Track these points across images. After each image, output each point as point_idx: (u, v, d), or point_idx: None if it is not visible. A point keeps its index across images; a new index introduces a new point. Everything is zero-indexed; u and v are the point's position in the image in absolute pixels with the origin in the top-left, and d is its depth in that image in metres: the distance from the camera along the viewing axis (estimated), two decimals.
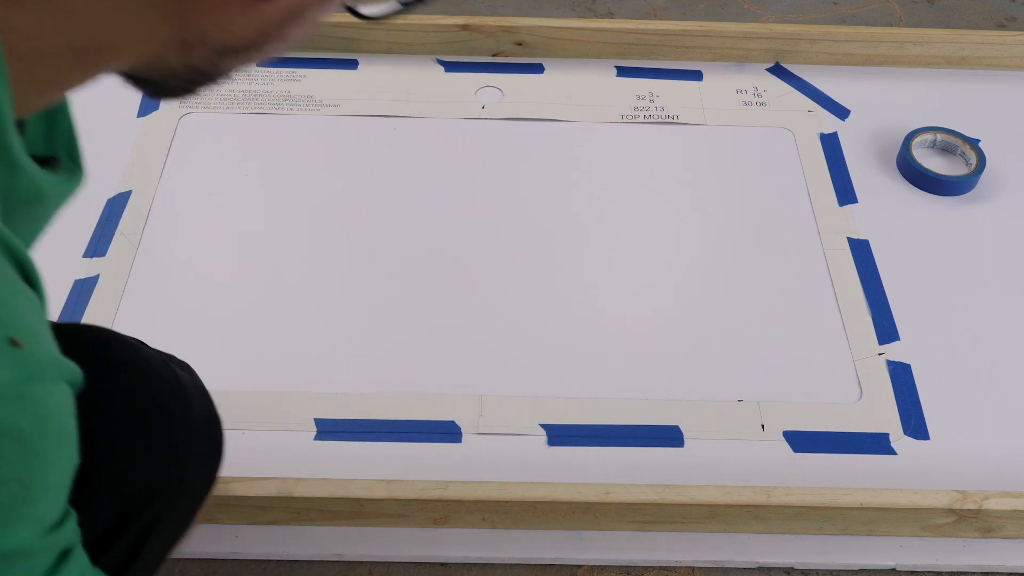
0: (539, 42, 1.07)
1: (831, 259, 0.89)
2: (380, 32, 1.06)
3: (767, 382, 0.80)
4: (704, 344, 0.83)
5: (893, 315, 0.85)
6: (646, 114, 1.03)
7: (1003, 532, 0.72)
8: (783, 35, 1.06)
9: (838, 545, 0.72)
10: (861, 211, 0.94)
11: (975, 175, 0.95)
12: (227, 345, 0.82)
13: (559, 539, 0.72)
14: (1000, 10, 1.23)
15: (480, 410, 0.78)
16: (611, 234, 0.91)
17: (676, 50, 1.08)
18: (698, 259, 0.90)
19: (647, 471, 0.75)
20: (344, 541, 0.72)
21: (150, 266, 0.87)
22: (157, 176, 0.95)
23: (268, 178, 0.95)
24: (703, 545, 0.72)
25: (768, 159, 0.99)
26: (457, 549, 0.72)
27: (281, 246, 0.89)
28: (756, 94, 1.05)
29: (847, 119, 1.03)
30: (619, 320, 0.85)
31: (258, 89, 1.03)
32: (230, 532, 0.72)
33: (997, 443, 0.77)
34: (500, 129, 1.01)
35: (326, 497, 0.69)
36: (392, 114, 1.02)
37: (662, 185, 0.96)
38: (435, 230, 0.91)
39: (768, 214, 0.93)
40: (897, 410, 0.79)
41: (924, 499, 0.69)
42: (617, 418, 0.78)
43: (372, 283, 0.87)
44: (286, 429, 0.76)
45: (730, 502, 0.69)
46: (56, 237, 0.90)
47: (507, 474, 0.74)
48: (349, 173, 0.96)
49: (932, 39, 1.06)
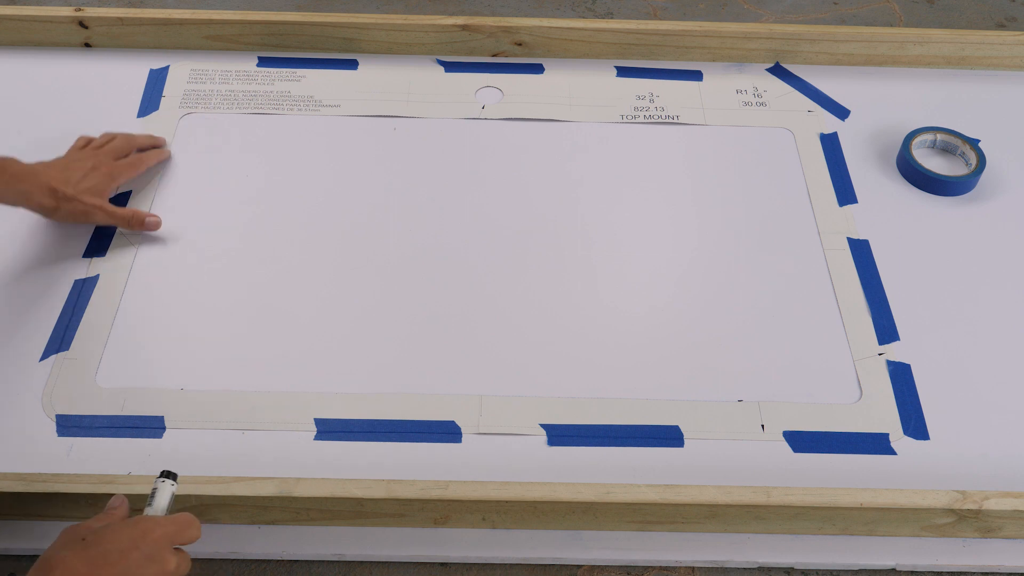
0: (539, 42, 1.07)
1: (831, 259, 0.89)
2: (380, 32, 1.06)
3: (767, 382, 0.80)
4: (704, 344, 0.83)
5: (893, 315, 0.85)
6: (646, 114, 1.03)
7: (1003, 532, 0.72)
8: (783, 35, 1.06)
9: (838, 545, 0.72)
10: (861, 211, 0.94)
11: (975, 175, 0.95)
12: (227, 345, 0.82)
13: (559, 539, 0.72)
14: (1000, 10, 1.23)
15: (480, 410, 0.78)
16: (611, 234, 0.91)
17: (676, 50, 1.08)
18: (697, 259, 0.90)
19: (647, 471, 0.75)
20: (344, 541, 0.72)
21: (150, 266, 0.87)
22: (157, 176, 0.95)
23: (268, 178, 0.95)
24: (703, 545, 0.72)
25: (768, 159, 0.99)
26: (457, 549, 0.72)
27: (281, 246, 0.90)
28: (756, 94, 1.05)
29: (847, 119, 1.03)
30: (619, 320, 0.85)
31: (258, 89, 1.03)
32: (230, 532, 0.72)
33: (997, 443, 0.77)
34: (500, 129, 1.01)
35: (326, 497, 0.69)
36: (392, 114, 1.02)
37: (662, 185, 0.96)
38: (435, 230, 0.91)
39: (768, 214, 0.93)
40: (897, 410, 0.79)
41: (924, 499, 0.69)
42: (617, 418, 0.78)
43: (372, 283, 0.87)
44: (286, 429, 0.76)
45: (730, 502, 0.69)
46: (56, 237, 0.91)
47: (507, 474, 0.74)
48: (349, 173, 0.96)
49: (932, 39, 1.06)
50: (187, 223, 0.91)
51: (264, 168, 0.96)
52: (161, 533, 0.61)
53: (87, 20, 1.05)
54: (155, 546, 0.60)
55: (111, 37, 1.07)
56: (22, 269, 0.87)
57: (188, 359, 0.81)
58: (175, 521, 0.62)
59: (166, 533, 0.61)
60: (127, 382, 0.79)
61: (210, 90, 1.03)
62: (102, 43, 1.07)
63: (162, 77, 1.05)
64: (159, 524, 0.61)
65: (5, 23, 1.06)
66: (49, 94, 1.03)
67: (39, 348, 0.81)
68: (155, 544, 0.60)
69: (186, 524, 0.62)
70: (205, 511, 0.70)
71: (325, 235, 0.91)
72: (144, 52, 1.07)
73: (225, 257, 0.89)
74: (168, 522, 0.62)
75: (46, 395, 0.78)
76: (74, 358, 0.80)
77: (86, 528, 0.61)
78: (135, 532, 0.60)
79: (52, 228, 0.90)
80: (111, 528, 0.60)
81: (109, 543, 0.59)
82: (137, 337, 0.82)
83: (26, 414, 0.77)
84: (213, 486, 0.69)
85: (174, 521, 0.62)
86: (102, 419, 0.76)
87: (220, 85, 1.04)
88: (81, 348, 0.81)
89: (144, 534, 0.60)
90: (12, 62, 1.06)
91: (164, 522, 0.61)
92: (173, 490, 0.65)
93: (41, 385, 0.79)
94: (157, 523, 0.61)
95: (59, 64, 1.06)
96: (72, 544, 0.59)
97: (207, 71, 1.05)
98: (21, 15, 1.05)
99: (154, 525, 0.61)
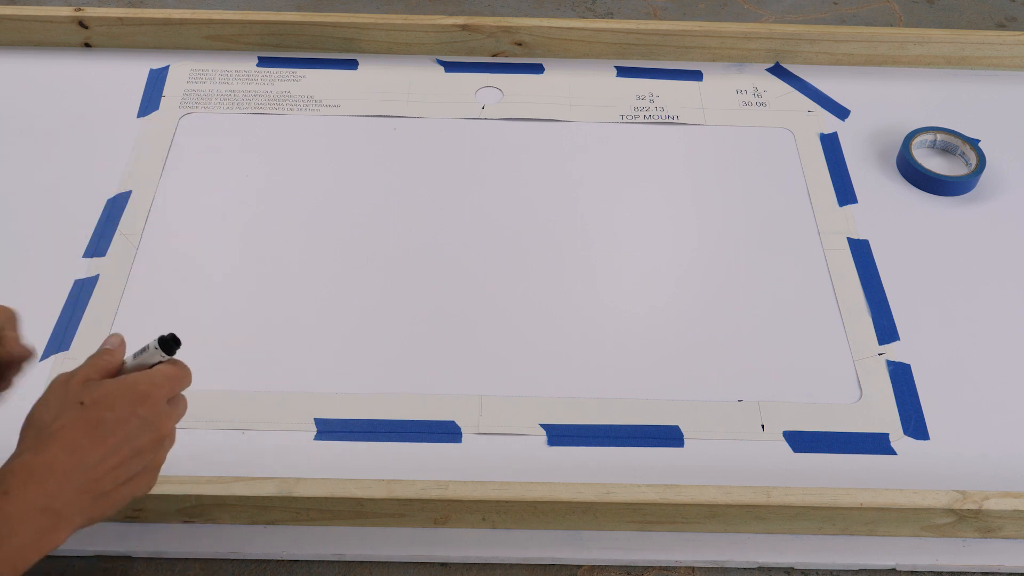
0: (539, 42, 1.07)
1: (831, 259, 0.89)
2: (380, 32, 1.06)
3: (767, 382, 0.80)
4: (704, 344, 0.83)
5: (893, 315, 0.85)
6: (646, 114, 1.03)
7: (1003, 532, 0.72)
8: (783, 35, 1.06)
9: (838, 545, 0.72)
10: (861, 211, 0.94)
11: (975, 175, 0.95)
12: (227, 345, 0.82)
13: (559, 539, 0.72)
14: (1000, 10, 1.23)
15: (480, 410, 0.78)
16: (610, 234, 0.91)
17: (676, 50, 1.08)
18: (697, 259, 0.90)
19: (647, 471, 0.75)
20: (344, 541, 0.72)
21: (150, 266, 0.87)
22: (157, 176, 0.95)
23: (268, 178, 0.95)
24: (703, 545, 0.72)
25: (768, 159, 0.99)
26: (457, 549, 0.72)
27: (281, 246, 0.90)
28: (756, 94, 1.05)
29: (847, 119, 1.03)
30: (619, 320, 0.85)
31: (258, 89, 1.04)
32: (230, 532, 0.72)
33: (997, 443, 0.77)
34: (500, 129, 1.01)
35: (326, 497, 0.69)
36: (392, 114, 1.02)
37: (662, 185, 0.96)
38: (435, 230, 0.91)
39: (768, 214, 0.93)
40: (897, 410, 0.79)
41: (924, 499, 0.69)
42: (617, 418, 0.78)
43: (372, 283, 0.87)
44: (286, 429, 0.76)
45: (730, 502, 0.69)
46: (56, 237, 0.91)
47: (507, 474, 0.74)
48: (349, 173, 0.96)
49: (932, 39, 1.06)
50: (187, 223, 0.91)
51: (264, 168, 0.96)
52: (159, 396, 0.60)
53: (87, 20, 1.05)
54: (153, 410, 0.59)
55: (111, 37, 1.07)
56: (22, 269, 0.87)
57: (188, 359, 0.81)
58: (170, 378, 0.61)
59: (164, 394, 0.60)
60: None
61: (210, 90, 1.03)
62: (102, 43, 1.07)
63: (162, 77, 1.05)
64: (156, 386, 0.60)
65: (5, 23, 1.06)
66: (49, 94, 1.02)
67: (39, 348, 0.81)
68: (153, 408, 0.59)
69: (179, 379, 0.62)
70: (205, 511, 0.70)
71: (325, 235, 0.91)
72: (144, 52, 1.07)
73: (225, 257, 0.89)
74: (164, 380, 0.61)
75: None
76: (74, 358, 0.80)
77: (82, 382, 0.59)
78: (134, 396, 0.59)
79: (52, 228, 0.90)
80: (110, 392, 0.59)
81: (108, 409, 0.58)
82: (137, 337, 0.82)
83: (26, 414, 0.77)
84: (213, 486, 0.69)
85: (169, 378, 0.61)
86: None
87: (220, 85, 1.04)
88: (81, 348, 0.81)
89: (142, 399, 0.59)
90: (12, 62, 1.06)
91: (161, 381, 0.61)
92: (161, 360, 0.63)
93: (41, 385, 0.79)
94: (154, 384, 0.60)
95: (59, 64, 1.06)
96: (70, 409, 0.58)
97: (207, 71, 1.05)
98: (21, 15, 1.05)
99: (152, 387, 0.60)
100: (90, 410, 0.58)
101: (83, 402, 0.58)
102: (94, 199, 0.92)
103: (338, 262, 0.88)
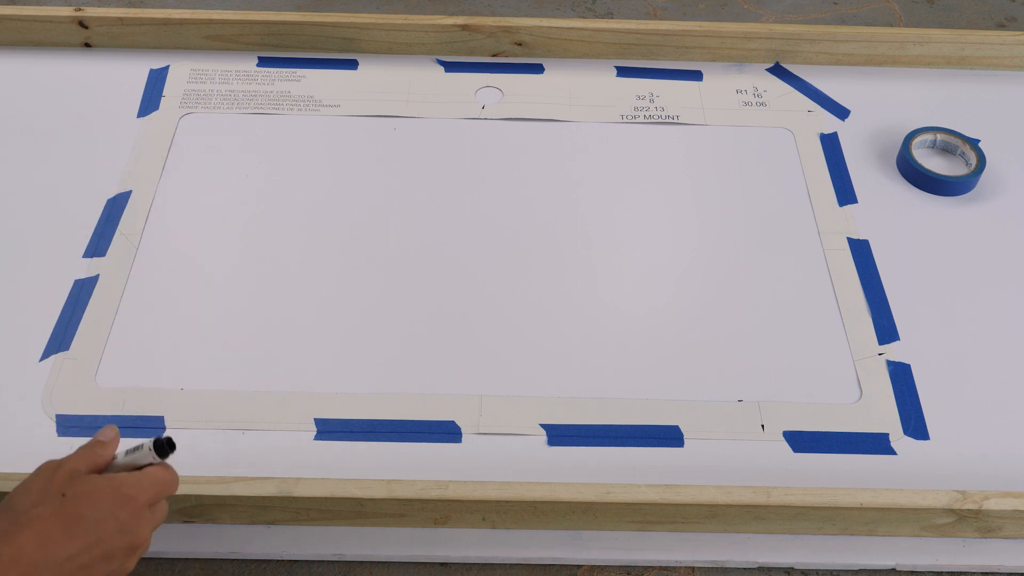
0: (539, 42, 1.07)
1: (831, 259, 0.89)
2: (380, 32, 1.06)
3: (767, 382, 0.80)
4: (704, 344, 0.83)
5: (893, 315, 0.85)
6: (646, 114, 1.03)
7: (1003, 532, 0.72)
8: (783, 35, 1.06)
9: (838, 545, 0.72)
10: (861, 211, 0.94)
11: (975, 175, 0.95)
12: (227, 345, 0.82)
13: (559, 539, 0.72)
14: (1000, 10, 1.23)
15: (480, 410, 0.78)
16: (610, 234, 0.91)
17: (676, 50, 1.08)
18: (697, 259, 0.90)
19: (647, 471, 0.75)
20: (344, 541, 0.72)
21: (150, 266, 0.87)
22: (157, 176, 0.95)
23: (268, 178, 0.95)
24: (703, 545, 0.72)
25: (768, 159, 0.99)
26: (457, 549, 0.72)
27: (281, 246, 0.90)
28: (756, 94, 1.05)
29: (847, 119, 1.03)
30: (619, 320, 0.85)
31: (258, 89, 1.04)
32: (230, 532, 0.72)
33: (997, 443, 0.77)
34: (500, 129, 1.01)
35: (326, 497, 0.69)
36: (392, 114, 1.02)
37: (662, 185, 0.96)
38: (435, 230, 0.91)
39: (768, 214, 0.93)
40: (897, 410, 0.79)
41: (924, 499, 0.69)
42: (617, 418, 0.78)
43: (372, 283, 0.87)
44: (286, 429, 0.76)
45: (730, 502, 0.69)
46: (56, 237, 0.91)
47: (507, 474, 0.74)
48: (349, 173, 0.96)
49: (932, 39, 1.06)
50: (187, 223, 0.91)
51: (264, 168, 0.96)
52: (143, 500, 0.58)
53: (87, 20, 1.05)
54: (133, 515, 0.58)
55: (111, 37, 1.07)
56: (22, 269, 0.87)
57: (188, 359, 0.81)
58: (156, 483, 0.60)
59: (147, 499, 0.59)
60: (127, 382, 0.79)
61: (210, 90, 1.03)
62: (102, 43, 1.07)
63: (162, 77, 1.05)
64: (142, 490, 0.59)
65: (5, 23, 1.06)
66: (49, 94, 1.03)
67: (39, 348, 0.81)
68: (133, 513, 0.58)
69: (166, 484, 0.60)
70: (205, 511, 0.70)
71: (325, 235, 0.91)
72: (144, 52, 1.07)
73: (225, 257, 0.89)
74: (151, 485, 0.59)
75: (46, 395, 0.78)
76: (74, 358, 0.80)
77: (68, 473, 0.58)
78: (117, 498, 0.57)
79: (52, 228, 0.90)
80: (93, 489, 0.57)
81: (88, 507, 0.56)
82: (137, 337, 0.82)
83: (26, 414, 0.77)
84: (213, 486, 0.69)
85: (156, 483, 0.60)
86: (102, 419, 0.76)
87: (220, 85, 1.04)
88: (81, 348, 0.81)
89: (125, 502, 0.57)
90: (12, 62, 1.06)
91: (148, 486, 0.59)
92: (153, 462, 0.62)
93: (41, 385, 0.79)
94: (140, 488, 0.58)
95: (59, 64, 1.06)
96: (50, 499, 0.56)
97: (207, 71, 1.05)
98: (21, 15, 1.05)
99: (137, 491, 0.58)
100: (69, 504, 0.56)
101: (64, 494, 0.56)
102: (94, 199, 0.92)
103: (338, 262, 0.88)
